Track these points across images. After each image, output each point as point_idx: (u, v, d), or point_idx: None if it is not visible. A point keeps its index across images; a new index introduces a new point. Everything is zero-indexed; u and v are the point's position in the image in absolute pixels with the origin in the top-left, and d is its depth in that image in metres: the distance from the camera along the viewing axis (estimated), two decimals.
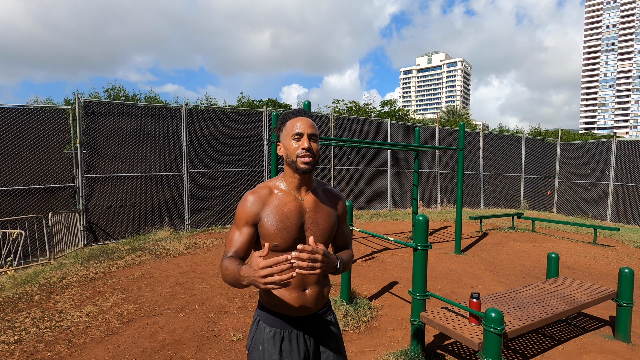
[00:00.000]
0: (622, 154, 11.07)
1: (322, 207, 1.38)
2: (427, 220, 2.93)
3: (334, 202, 1.45)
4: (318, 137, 1.34)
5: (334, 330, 1.46)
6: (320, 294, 1.40)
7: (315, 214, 1.36)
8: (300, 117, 1.33)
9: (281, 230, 1.28)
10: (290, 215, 1.31)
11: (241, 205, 1.32)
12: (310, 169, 1.30)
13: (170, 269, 5.10)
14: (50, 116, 6.27)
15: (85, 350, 2.93)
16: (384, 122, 11.20)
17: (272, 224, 1.29)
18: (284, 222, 1.29)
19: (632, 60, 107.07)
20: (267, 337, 1.34)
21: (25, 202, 6.03)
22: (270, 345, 1.32)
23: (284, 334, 1.34)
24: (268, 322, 1.36)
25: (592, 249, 7.14)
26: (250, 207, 1.30)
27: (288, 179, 1.36)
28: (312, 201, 1.37)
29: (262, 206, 1.31)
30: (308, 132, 1.30)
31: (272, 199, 1.33)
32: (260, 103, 20.10)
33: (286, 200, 1.33)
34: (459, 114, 39.25)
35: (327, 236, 1.38)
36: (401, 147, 8.30)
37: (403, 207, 11.48)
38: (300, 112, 1.35)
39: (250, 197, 1.32)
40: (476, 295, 2.63)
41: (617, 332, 3.33)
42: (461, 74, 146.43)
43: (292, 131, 1.30)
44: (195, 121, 8.00)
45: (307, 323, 1.38)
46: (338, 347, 1.44)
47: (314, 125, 1.34)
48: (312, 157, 1.29)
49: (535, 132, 23.45)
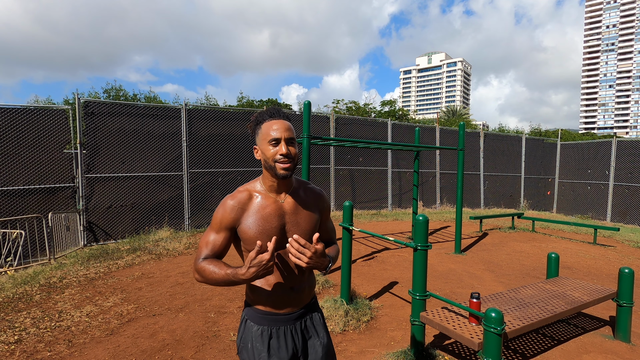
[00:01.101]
0: (622, 154, 11.07)
1: (302, 209, 1.38)
2: (427, 220, 2.93)
3: (315, 201, 1.44)
4: (295, 138, 1.32)
5: (321, 326, 1.47)
6: (307, 291, 1.42)
7: (295, 215, 1.36)
8: (275, 119, 1.30)
9: (261, 234, 1.28)
10: (269, 219, 1.31)
11: (220, 209, 1.31)
12: (289, 174, 1.29)
13: (170, 269, 5.10)
14: (50, 116, 6.27)
15: (85, 350, 2.93)
16: (384, 122, 11.20)
17: (251, 228, 1.29)
18: (263, 226, 1.29)
19: (632, 60, 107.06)
20: (256, 335, 1.34)
21: (25, 202, 6.03)
22: (259, 343, 1.33)
23: (271, 332, 1.34)
24: (256, 320, 1.36)
25: (592, 249, 7.14)
26: (229, 212, 1.30)
27: (267, 182, 1.36)
28: (292, 203, 1.37)
29: (242, 211, 1.31)
30: (285, 136, 1.27)
31: (251, 203, 1.32)
32: (261, 103, 20.10)
33: (266, 203, 1.33)
34: (459, 114, 39.26)
35: (309, 237, 1.37)
36: (401, 147, 8.30)
37: (403, 207, 11.48)
38: (275, 113, 1.32)
39: (230, 202, 1.31)
40: (476, 295, 2.63)
41: (617, 332, 3.33)
42: (461, 74, 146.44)
43: (269, 136, 1.28)
44: (195, 121, 8.00)
45: (294, 320, 1.39)
46: (326, 343, 1.46)
47: (291, 127, 1.31)
48: (291, 162, 1.28)
49: (535, 132, 23.43)
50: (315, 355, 1.41)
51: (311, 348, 1.42)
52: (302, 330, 1.41)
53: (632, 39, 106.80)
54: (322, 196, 1.48)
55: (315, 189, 1.47)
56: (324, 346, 1.44)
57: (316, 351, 1.41)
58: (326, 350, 1.44)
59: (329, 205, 1.52)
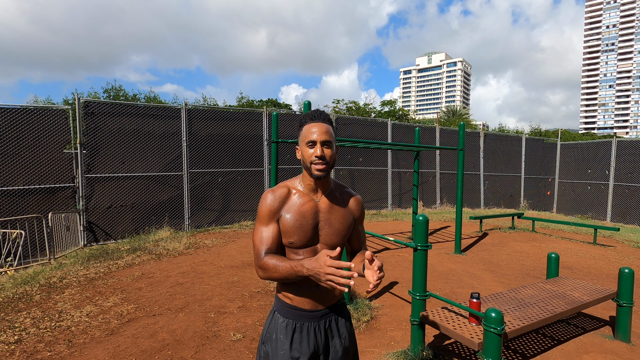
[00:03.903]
0: (622, 154, 11.07)
1: (337, 209, 1.44)
2: (427, 220, 2.93)
3: (351, 204, 1.50)
4: (333, 141, 1.38)
5: (345, 329, 1.50)
6: (331, 292, 1.45)
7: (329, 215, 1.42)
8: (314, 122, 1.38)
9: (297, 229, 1.36)
10: (306, 215, 1.38)
11: (263, 203, 1.39)
12: (323, 175, 1.36)
13: (170, 269, 5.10)
14: (50, 116, 6.27)
15: (85, 350, 2.93)
16: (384, 122, 11.20)
17: (289, 222, 1.37)
18: (300, 222, 1.37)
19: (632, 60, 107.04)
20: (281, 327, 1.41)
21: (25, 202, 6.03)
22: (283, 335, 1.40)
23: (296, 325, 1.40)
24: (283, 313, 1.43)
25: (592, 249, 7.13)
26: (272, 204, 1.38)
27: (305, 181, 1.44)
28: (327, 203, 1.44)
29: (282, 204, 1.39)
30: (321, 139, 1.34)
31: (289, 199, 1.41)
32: (260, 103, 20.09)
33: (303, 201, 1.41)
34: (459, 114, 39.23)
35: (340, 237, 1.43)
36: (401, 147, 8.30)
37: (403, 207, 11.48)
38: (315, 116, 1.39)
39: (270, 195, 1.39)
40: (476, 295, 2.63)
41: (617, 332, 3.33)
42: (461, 74, 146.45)
43: (306, 138, 1.36)
44: (195, 121, 8.00)
45: (318, 318, 1.43)
46: (347, 345, 1.48)
47: (329, 130, 1.37)
48: (325, 164, 1.35)
49: (535, 132, 23.43)
50: (335, 355, 1.45)
51: (332, 347, 1.45)
52: (326, 330, 1.45)
53: (632, 39, 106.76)
54: (357, 200, 1.53)
55: (352, 193, 1.53)
56: (344, 348, 1.46)
57: (336, 351, 1.45)
58: (346, 351, 1.47)
59: (363, 210, 1.55)
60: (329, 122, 1.40)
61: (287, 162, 9.18)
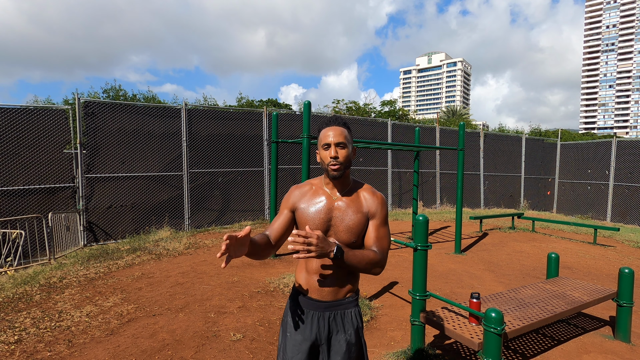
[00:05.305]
0: (622, 154, 11.07)
1: (351, 207, 1.53)
2: (427, 220, 2.93)
3: (369, 203, 1.55)
4: (347, 142, 1.50)
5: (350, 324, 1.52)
6: (336, 286, 1.51)
7: (343, 212, 1.51)
8: (330, 126, 1.52)
9: (310, 221, 1.50)
10: (319, 210, 1.51)
11: (286, 194, 1.62)
12: (338, 175, 1.48)
13: (170, 269, 5.10)
14: (50, 116, 6.27)
15: (85, 350, 2.93)
16: (384, 122, 11.20)
17: (304, 214, 1.52)
18: (313, 215, 1.50)
19: (632, 60, 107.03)
20: (291, 312, 1.55)
21: (25, 202, 6.03)
22: (289, 318, 1.55)
23: (302, 312, 1.53)
24: (294, 298, 1.58)
25: (592, 249, 7.14)
26: (292, 196, 1.59)
27: (325, 180, 1.59)
28: (343, 201, 1.54)
29: (301, 197, 1.56)
30: (335, 141, 1.47)
31: (309, 194, 1.57)
32: (260, 103, 20.08)
33: (320, 196, 1.55)
34: (459, 114, 39.23)
35: (350, 234, 1.49)
36: (401, 147, 8.30)
37: (403, 207, 11.48)
38: (331, 121, 1.54)
39: (294, 189, 1.61)
40: (476, 295, 2.63)
41: (617, 332, 3.33)
42: (461, 74, 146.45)
43: (322, 141, 1.50)
44: (195, 121, 8.00)
45: (323, 309, 1.51)
46: (352, 341, 1.51)
47: (343, 132, 1.50)
48: (340, 164, 1.47)
49: (535, 132, 23.43)
50: (339, 348, 1.49)
51: (335, 341, 1.51)
52: (330, 322, 1.51)
53: (632, 39, 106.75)
54: (375, 200, 1.55)
55: (374, 193, 1.58)
56: (348, 343, 1.50)
57: (340, 345, 1.50)
58: (349, 347, 1.49)
59: (383, 209, 1.55)
60: (344, 125, 1.53)
61: (287, 162, 9.18)
